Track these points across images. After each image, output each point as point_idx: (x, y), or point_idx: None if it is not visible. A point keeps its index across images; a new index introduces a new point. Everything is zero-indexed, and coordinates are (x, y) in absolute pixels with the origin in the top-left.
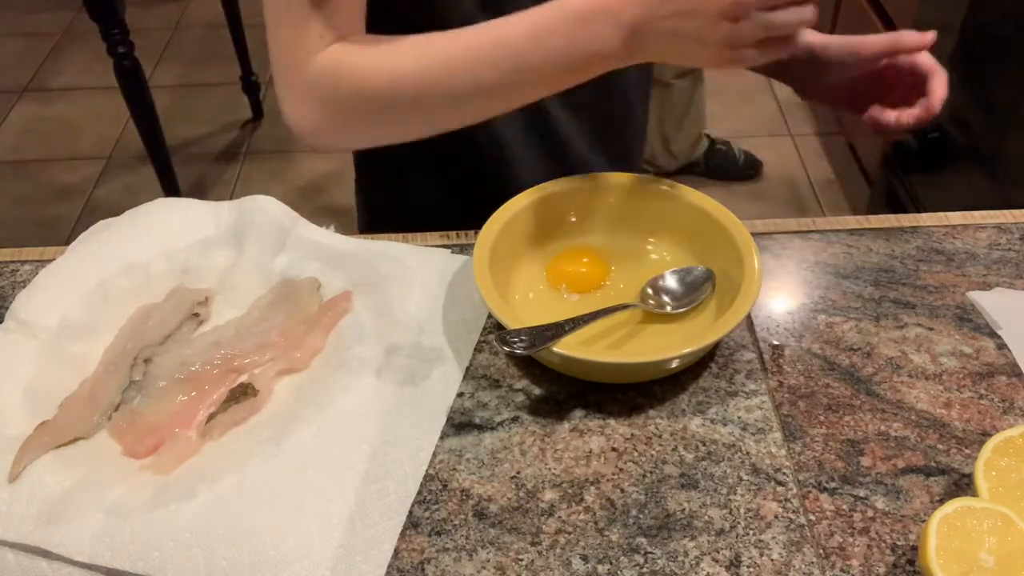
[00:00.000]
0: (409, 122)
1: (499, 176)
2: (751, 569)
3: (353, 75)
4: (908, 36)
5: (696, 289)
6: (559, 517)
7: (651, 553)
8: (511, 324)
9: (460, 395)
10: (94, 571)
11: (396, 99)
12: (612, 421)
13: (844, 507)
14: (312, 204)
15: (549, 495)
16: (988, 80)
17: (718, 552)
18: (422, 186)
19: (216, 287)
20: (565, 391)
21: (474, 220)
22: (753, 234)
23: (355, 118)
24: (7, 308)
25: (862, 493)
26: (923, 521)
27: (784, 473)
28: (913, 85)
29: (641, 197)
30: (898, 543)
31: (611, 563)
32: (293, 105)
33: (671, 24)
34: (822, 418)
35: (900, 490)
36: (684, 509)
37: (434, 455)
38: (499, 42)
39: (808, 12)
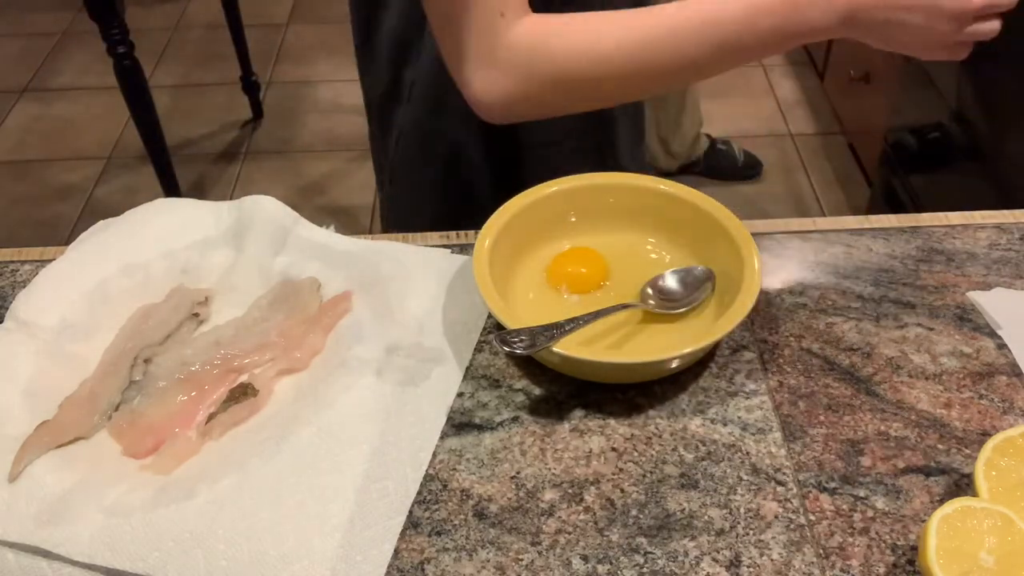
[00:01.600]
0: (607, 96)
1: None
2: (751, 569)
3: (555, 54)
4: None
5: (696, 289)
6: (559, 517)
7: (651, 553)
8: (511, 324)
9: (460, 395)
10: (94, 571)
11: (600, 78)
12: (612, 421)
13: (844, 507)
14: (312, 204)
15: (549, 495)
16: (989, 79)
17: (718, 552)
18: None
19: (216, 287)
20: (565, 391)
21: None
22: (753, 234)
23: (553, 95)
24: (7, 308)
25: (862, 493)
26: (923, 521)
27: (784, 473)
28: None
29: (641, 197)
30: (898, 543)
31: (611, 563)
32: (483, 83)
33: (897, 16)
34: (822, 418)
35: (900, 490)
36: (684, 509)
37: (434, 455)
38: (709, 21)
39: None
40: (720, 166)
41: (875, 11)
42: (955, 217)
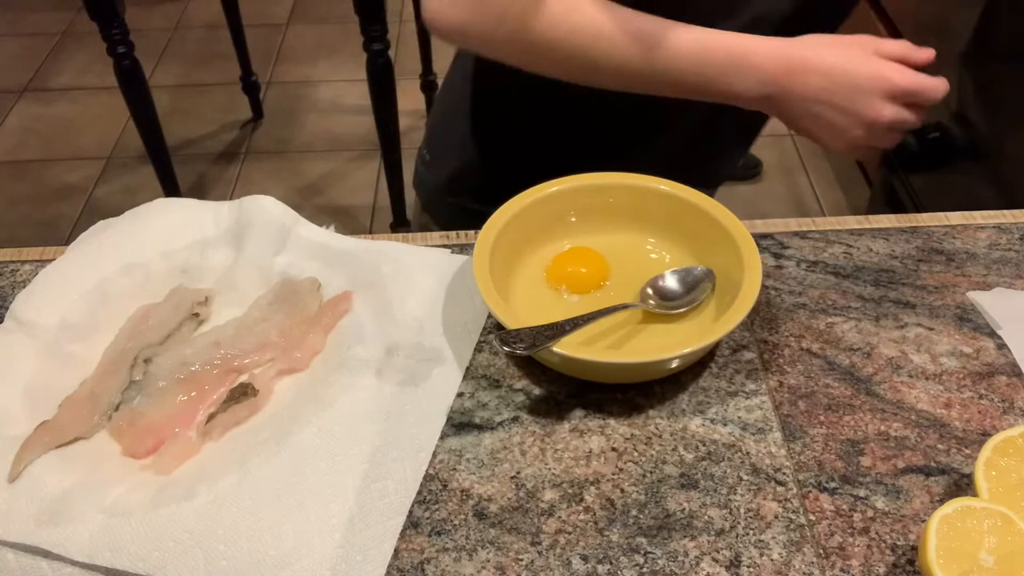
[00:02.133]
0: (550, 67)
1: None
2: (751, 569)
3: (527, 13)
4: (917, 52)
5: (696, 289)
6: (559, 517)
7: (651, 553)
8: (511, 324)
9: (460, 395)
10: (94, 571)
11: (557, 48)
12: (612, 421)
13: (844, 507)
14: (312, 204)
15: (549, 495)
16: (989, 80)
17: (718, 552)
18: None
19: (216, 287)
20: (565, 391)
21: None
22: (753, 234)
23: (508, 40)
24: (7, 308)
25: (862, 493)
26: (923, 521)
27: (784, 473)
28: None
29: (641, 197)
30: (898, 543)
31: (611, 563)
32: (450, 4)
33: (816, 108)
34: (822, 418)
35: (900, 490)
36: (684, 509)
37: (434, 455)
38: (664, 44)
39: (921, 120)
40: None
41: (801, 101)
42: (955, 217)
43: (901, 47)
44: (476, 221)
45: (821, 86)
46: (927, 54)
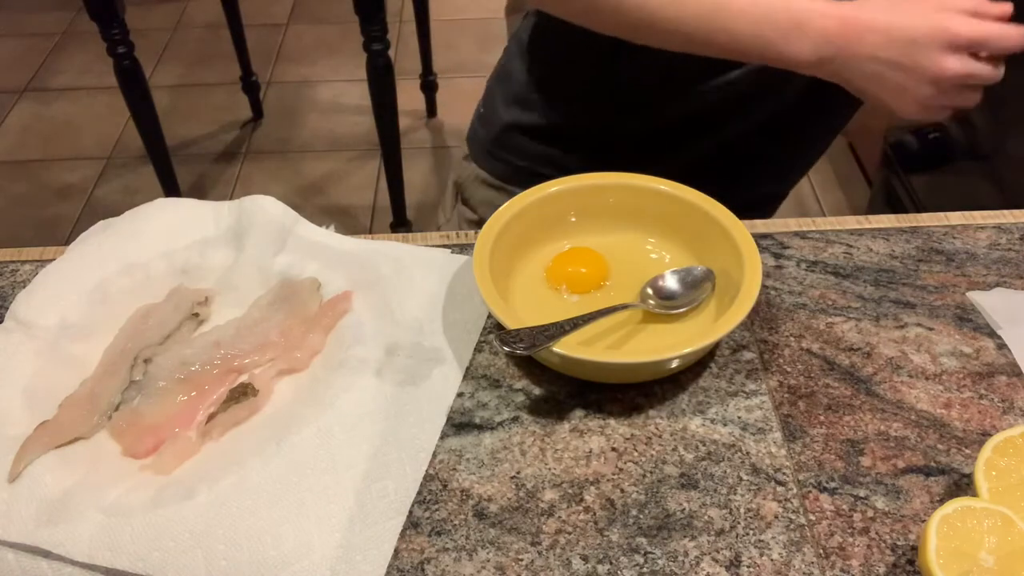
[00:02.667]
0: (603, 19)
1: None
2: (751, 569)
3: None
4: (991, 6)
5: (696, 289)
6: (559, 517)
7: (651, 553)
8: (511, 324)
9: (460, 395)
10: (94, 571)
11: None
12: (612, 421)
13: (844, 507)
14: (312, 204)
15: (549, 495)
16: None
17: (718, 552)
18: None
19: (216, 287)
20: (565, 391)
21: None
22: (753, 234)
23: None
24: (7, 308)
25: (862, 493)
26: (923, 521)
27: (784, 473)
28: None
29: (641, 197)
30: (898, 543)
31: (611, 563)
32: None
33: (876, 67)
34: (822, 418)
35: (900, 490)
36: (684, 509)
37: (434, 455)
38: (724, 5)
39: (999, 73)
40: None
41: (859, 61)
42: (955, 217)
43: (972, 2)
44: (524, 178)
45: (878, 43)
46: (1003, 8)
